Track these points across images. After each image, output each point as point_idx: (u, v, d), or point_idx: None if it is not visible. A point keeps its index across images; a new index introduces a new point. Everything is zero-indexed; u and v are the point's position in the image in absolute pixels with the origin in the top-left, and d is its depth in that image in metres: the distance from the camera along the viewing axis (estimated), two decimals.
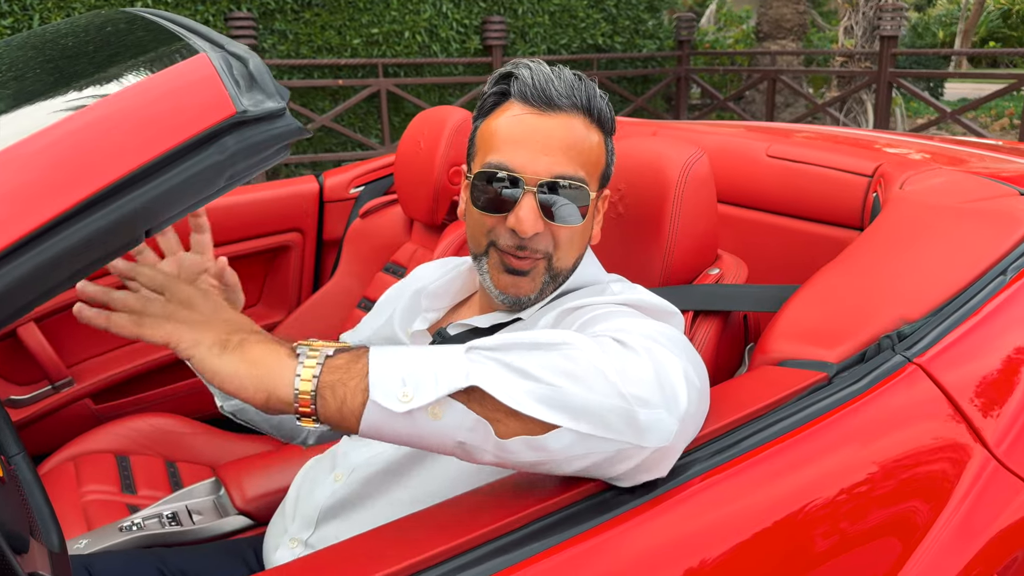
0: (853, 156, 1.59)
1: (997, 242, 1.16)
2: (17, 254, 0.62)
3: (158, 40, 0.78)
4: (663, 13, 9.57)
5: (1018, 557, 0.92)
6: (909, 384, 0.94)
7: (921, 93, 7.11)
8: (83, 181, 0.65)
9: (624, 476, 0.76)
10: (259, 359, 0.73)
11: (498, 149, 1.00)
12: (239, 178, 0.72)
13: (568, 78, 1.02)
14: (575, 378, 0.71)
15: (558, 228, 1.00)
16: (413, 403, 0.69)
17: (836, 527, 0.84)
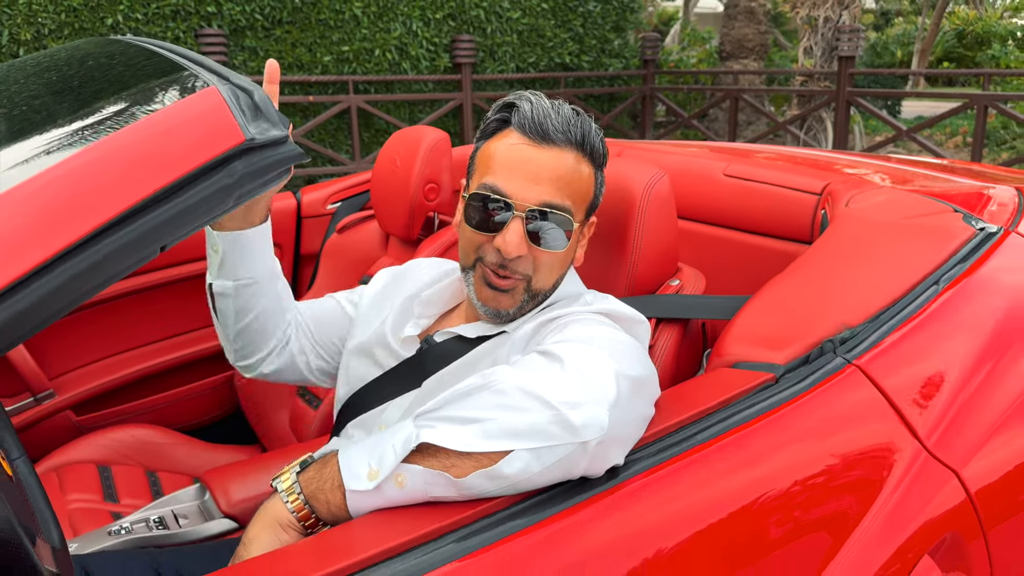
0: (804, 175, 1.71)
1: (932, 255, 1.27)
2: (54, 266, 0.70)
3: (169, 71, 0.85)
4: (629, 33, 9.75)
5: (947, 539, 1.02)
6: (848, 384, 1.04)
7: (878, 112, 7.34)
8: (108, 203, 0.72)
9: (588, 471, 0.85)
10: (258, 528, 0.91)
11: (494, 173, 1.09)
12: (245, 198, 0.80)
13: (566, 114, 1.10)
14: (507, 406, 0.82)
15: (540, 253, 1.09)
16: (380, 476, 0.83)
17: (782, 517, 0.93)
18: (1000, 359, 1.16)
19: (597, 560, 0.81)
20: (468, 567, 0.76)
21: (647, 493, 0.87)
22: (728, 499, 0.91)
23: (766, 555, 0.91)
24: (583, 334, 0.97)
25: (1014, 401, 1.14)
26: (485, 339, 1.16)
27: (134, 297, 2.16)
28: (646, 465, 0.89)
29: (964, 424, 1.08)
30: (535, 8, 8.44)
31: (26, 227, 0.70)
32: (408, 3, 7.50)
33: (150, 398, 2.21)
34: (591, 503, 0.84)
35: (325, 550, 0.77)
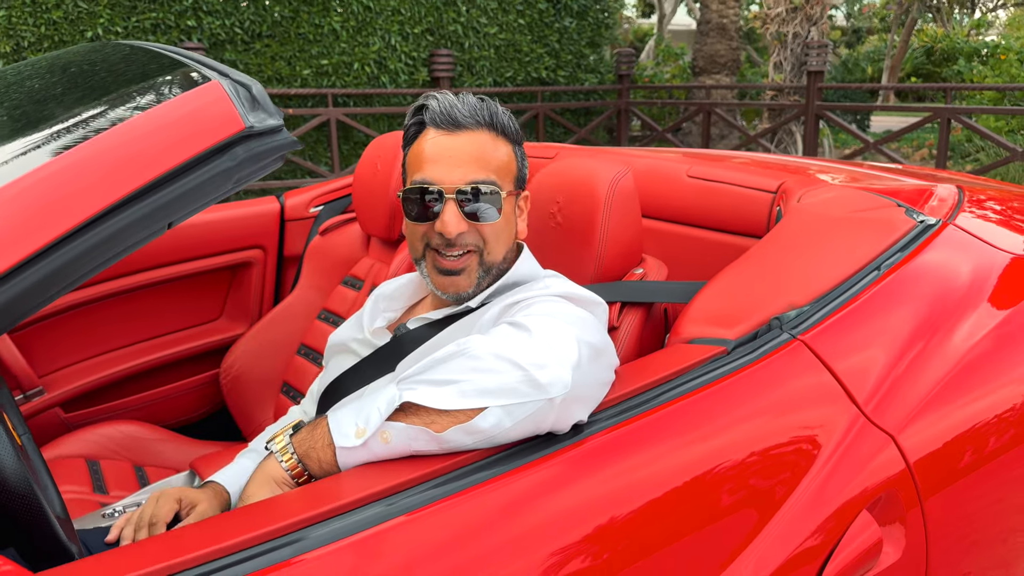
0: (760, 175, 1.82)
1: (874, 244, 1.38)
2: (74, 238, 0.78)
3: (174, 68, 0.94)
4: (604, 48, 9.94)
5: (882, 497, 1.12)
6: (794, 356, 1.14)
7: (846, 125, 7.55)
8: (120, 184, 0.81)
9: (555, 427, 0.95)
10: (256, 484, 1.00)
11: (420, 168, 1.20)
12: (244, 182, 0.88)
13: (471, 101, 1.22)
14: (481, 369, 0.93)
15: (480, 226, 1.19)
16: (367, 433, 0.92)
17: (732, 472, 1.03)
18: (933, 336, 1.26)
19: (563, 503, 0.90)
20: (443, 509, 0.85)
21: (609, 449, 0.97)
22: (682, 456, 1.01)
23: (716, 504, 1.00)
24: (546, 310, 1.07)
25: (946, 374, 1.24)
26: (452, 320, 1.25)
27: (122, 297, 2.22)
28: (607, 424, 0.98)
29: (900, 393, 1.19)
30: (512, 24, 8.60)
31: (48, 204, 0.78)
32: (387, 18, 7.62)
33: (137, 395, 2.27)
34: (557, 455, 0.93)
35: (315, 495, 0.86)
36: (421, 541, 0.83)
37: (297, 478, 0.99)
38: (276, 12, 7.02)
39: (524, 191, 1.30)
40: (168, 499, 1.18)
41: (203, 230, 2.31)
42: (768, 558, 1.03)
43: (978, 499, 1.24)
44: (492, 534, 0.86)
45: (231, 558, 0.75)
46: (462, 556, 0.83)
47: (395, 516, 0.83)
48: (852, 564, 1.06)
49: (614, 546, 0.92)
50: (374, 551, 0.80)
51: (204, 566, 0.74)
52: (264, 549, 0.77)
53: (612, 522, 0.92)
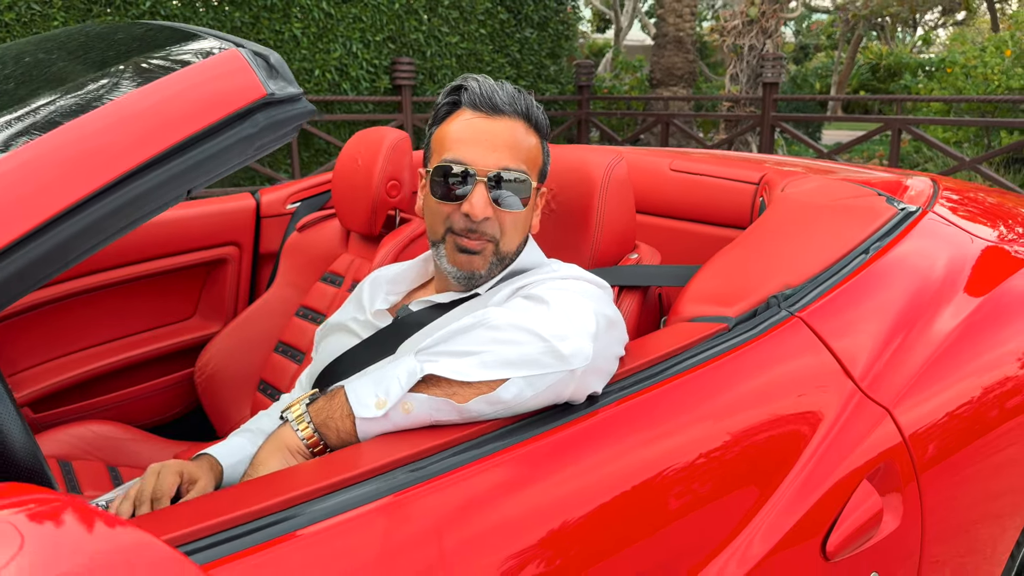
0: (742, 168, 1.86)
1: (861, 229, 1.42)
2: (93, 202, 0.77)
3: (194, 38, 0.94)
4: (564, 60, 10.04)
5: (881, 467, 1.15)
6: (792, 332, 1.17)
7: (801, 135, 7.72)
8: (142, 148, 0.80)
9: (573, 397, 0.96)
10: (268, 452, 0.99)
11: (452, 148, 1.19)
12: (264, 150, 0.88)
13: (510, 89, 1.23)
14: (503, 340, 0.93)
15: (504, 214, 1.19)
16: (388, 404, 0.90)
17: (738, 442, 1.05)
18: (921, 314, 1.31)
19: (577, 473, 0.91)
20: (464, 475, 0.85)
21: (620, 421, 0.98)
22: (690, 428, 1.02)
23: (724, 475, 1.02)
24: (560, 285, 1.08)
25: (934, 352, 1.28)
26: (459, 302, 1.25)
27: (93, 294, 2.18)
28: (618, 396, 1.00)
29: (893, 369, 1.22)
30: (473, 33, 8.64)
31: (69, 167, 0.77)
32: (348, 25, 7.60)
33: (110, 395, 2.22)
34: (570, 426, 0.94)
35: (333, 464, 0.85)
36: (443, 505, 0.82)
37: (312, 447, 0.97)
38: (236, 17, 6.95)
39: (543, 186, 1.31)
40: (170, 472, 1.14)
41: (177, 226, 2.27)
42: (774, 528, 1.05)
43: (965, 478, 1.28)
44: (505, 505, 0.87)
45: (247, 526, 0.75)
46: (474, 528, 0.83)
47: (415, 484, 0.83)
48: (855, 533, 1.09)
49: (629, 516, 0.93)
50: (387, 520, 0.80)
51: (223, 533, 0.73)
52: (282, 517, 0.76)
53: (625, 494, 0.93)
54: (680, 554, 0.97)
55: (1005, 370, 1.36)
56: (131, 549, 0.51)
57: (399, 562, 0.78)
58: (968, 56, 9.77)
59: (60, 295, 2.10)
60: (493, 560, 0.82)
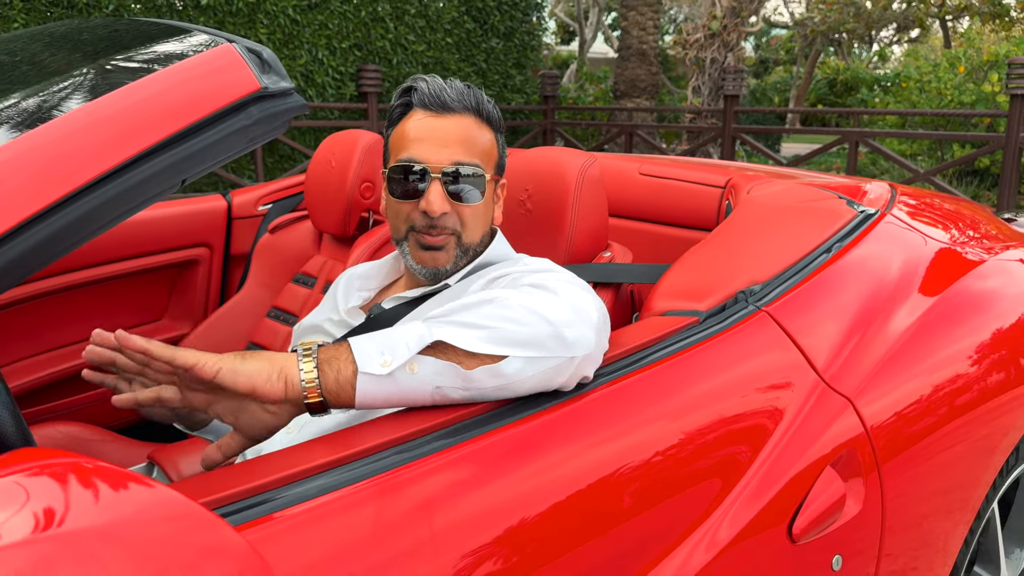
0: (709, 172, 1.92)
1: (823, 230, 1.48)
2: (90, 192, 0.79)
3: (187, 33, 0.96)
4: (529, 70, 10.13)
5: (844, 455, 1.20)
6: (759, 325, 1.22)
7: (762, 147, 7.90)
8: (138, 138, 0.82)
9: (565, 384, 0.99)
10: (273, 356, 0.92)
11: (407, 148, 1.23)
12: (257, 142, 0.91)
13: (458, 86, 1.27)
14: (512, 319, 0.94)
15: (462, 207, 1.23)
16: (393, 365, 0.89)
17: (709, 430, 1.10)
18: (879, 311, 1.37)
19: (555, 458, 0.95)
20: (437, 462, 0.88)
21: (596, 408, 1.02)
22: (664, 415, 1.07)
23: (694, 462, 1.06)
24: (562, 277, 1.10)
25: (892, 346, 1.34)
26: (429, 296, 1.28)
27: (60, 295, 2.16)
28: (594, 385, 1.04)
29: (855, 362, 1.28)
30: (440, 42, 8.68)
31: (66, 157, 0.79)
32: (314, 32, 7.59)
33: (78, 396, 2.20)
34: (547, 413, 0.98)
35: (312, 448, 0.87)
36: (435, 485, 0.85)
37: (307, 384, 0.90)
38: (200, 23, 6.90)
39: (502, 179, 1.35)
40: None
41: (147, 227, 2.27)
42: (740, 514, 1.09)
43: (919, 474, 1.33)
44: (484, 490, 0.90)
45: (245, 502, 0.77)
46: (442, 519, 0.85)
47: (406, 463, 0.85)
48: (820, 516, 1.14)
49: (600, 503, 0.96)
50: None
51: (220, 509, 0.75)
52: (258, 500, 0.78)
53: (598, 482, 0.97)
54: (650, 539, 1.01)
55: (956, 368, 1.42)
56: (150, 505, 0.53)
57: (385, 544, 0.80)
58: (922, 71, 10.06)
59: (27, 295, 2.08)
60: (477, 542, 0.85)
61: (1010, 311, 1.57)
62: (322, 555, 0.76)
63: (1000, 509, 1.75)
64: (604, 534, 0.96)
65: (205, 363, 0.87)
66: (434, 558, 0.81)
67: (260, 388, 0.89)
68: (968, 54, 9.88)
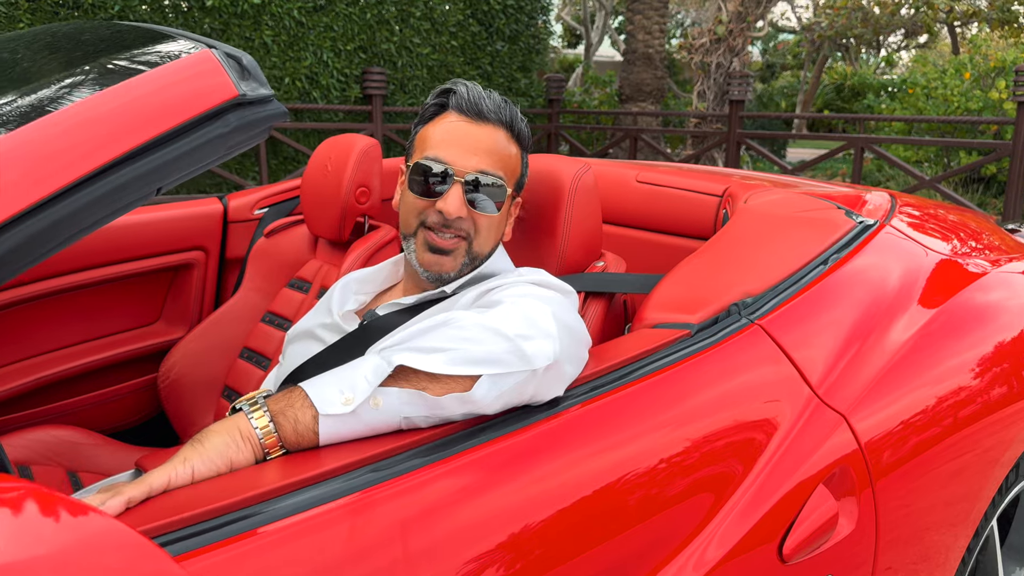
0: (706, 180, 1.90)
1: (819, 241, 1.46)
2: (62, 199, 0.77)
3: (167, 38, 0.94)
4: (534, 73, 10.11)
5: (837, 472, 1.18)
6: (752, 339, 1.20)
7: (767, 152, 7.85)
8: (112, 145, 0.81)
9: (533, 399, 0.97)
10: (220, 426, 0.89)
11: (434, 147, 1.23)
12: (236, 150, 0.89)
13: (497, 98, 1.28)
14: (470, 339, 0.93)
15: (478, 216, 1.23)
16: (355, 401, 0.88)
17: (699, 445, 1.07)
18: (876, 325, 1.34)
19: (537, 476, 0.93)
20: (427, 476, 0.86)
21: (581, 424, 1.00)
22: (653, 430, 1.04)
23: (683, 479, 1.04)
24: (521, 291, 1.11)
25: (889, 361, 1.32)
26: (427, 304, 1.26)
27: (55, 298, 2.15)
28: (580, 399, 1.01)
29: (850, 377, 1.26)
30: (445, 45, 8.67)
31: (37, 164, 0.77)
32: (319, 34, 7.58)
33: (72, 400, 2.18)
34: (532, 428, 0.96)
35: (295, 463, 0.86)
36: (407, 506, 0.83)
37: (265, 438, 0.89)
38: (206, 24, 6.90)
39: (519, 197, 1.35)
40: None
41: (142, 230, 2.25)
42: (730, 532, 1.07)
43: (919, 487, 1.31)
44: (470, 506, 0.88)
45: (204, 524, 0.75)
46: (437, 530, 0.84)
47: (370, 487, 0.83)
48: (812, 536, 1.11)
49: (588, 519, 0.94)
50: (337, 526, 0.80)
51: (180, 531, 0.73)
52: (242, 515, 0.77)
53: (586, 498, 0.95)
54: (638, 557, 0.99)
55: (958, 380, 1.40)
56: (97, 534, 0.51)
57: (360, 563, 0.78)
58: (929, 78, 10.02)
59: (21, 298, 2.07)
60: (455, 562, 0.83)
61: (1012, 324, 1.54)
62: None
63: (999, 526, 1.72)
64: (588, 552, 0.94)
65: (176, 474, 0.84)
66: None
67: (235, 460, 0.87)
68: (975, 60, 9.83)
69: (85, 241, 2.14)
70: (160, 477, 0.83)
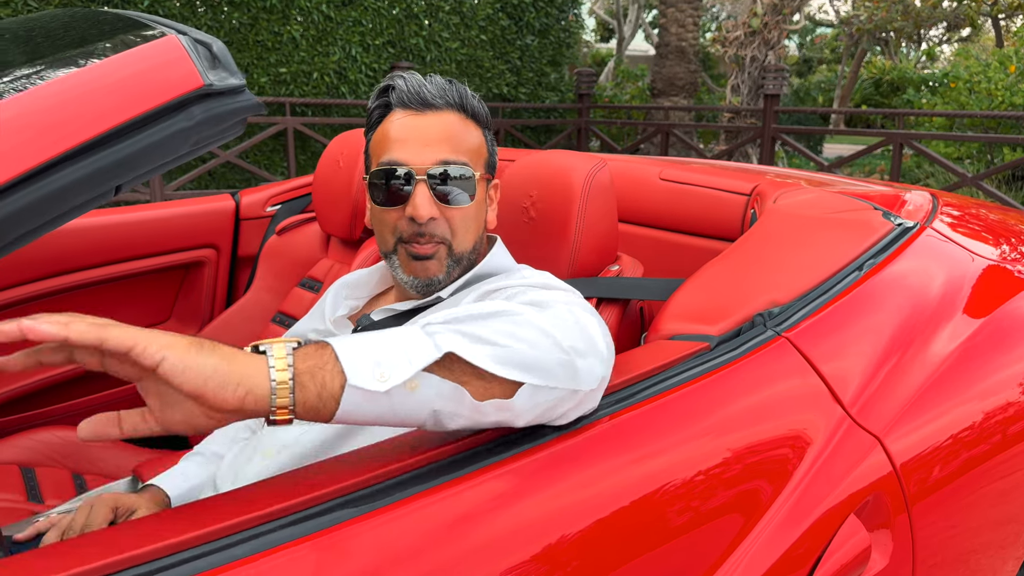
0: (734, 178, 1.79)
1: (854, 245, 1.35)
2: (6, 194, 0.70)
3: (129, 25, 0.87)
4: (565, 68, 9.99)
5: (870, 501, 1.08)
6: (778, 353, 1.10)
7: (802, 148, 7.66)
8: (62, 137, 0.73)
9: (561, 417, 0.87)
10: (234, 355, 0.71)
11: (388, 150, 1.13)
12: (203, 146, 0.81)
13: (439, 81, 1.17)
14: (522, 338, 0.80)
15: (452, 211, 1.13)
16: (391, 381, 0.73)
17: (720, 470, 0.97)
18: (916, 336, 1.23)
19: (549, 499, 0.84)
20: (449, 492, 0.79)
21: (593, 445, 0.90)
22: (665, 454, 0.95)
23: (701, 506, 0.94)
24: (567, 298, 0.97)
25: (930, 376, 1.21)
26: (420, 309, 1.18)
27: (63, 295, 2.11)
28: (591, 419, 0.92)
29: (886, 394, 1.15)
30: (474, 39, 8.60)
31: None
32: (347, 28, 7.55)
33: (77, 400, 2.14)
34: (543, 448, 0.87)
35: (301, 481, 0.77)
36: (430, 520, 0.76)
37: (280, 397, 0.71)
38: (234, 19, 6.90)
39: (495, 179, 1.24)
40: (103, 506, 1.06)
41: (153, 227, 2.21)
42: (755, 564, 0.97)
43: (964, 507, 1.20)
44: (480, 529, 0.79)
45: (181, 555, 0.67)
46: (441, 557, 0.76)
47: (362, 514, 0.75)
48: (841, 571, 1.01)
49: (601, 546, 0.85)
50: (339, 552, 0.72)
51: (145, 566, 0.66)
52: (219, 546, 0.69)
53: (598, 523, 0.86)
54: None
55: (1007, 395, 1.29)
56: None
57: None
58: (972, 72, 9.73)
59: (29, 295, 2.03)
60: None
61: None
62: None
63: None
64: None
65: (146, 347, 0.66)
66: None
67: (210, 395, 0.68)
68: (1020, 53, 9.52)
69: (96, 237, 2.10)
70: (124, 335, 0.67)
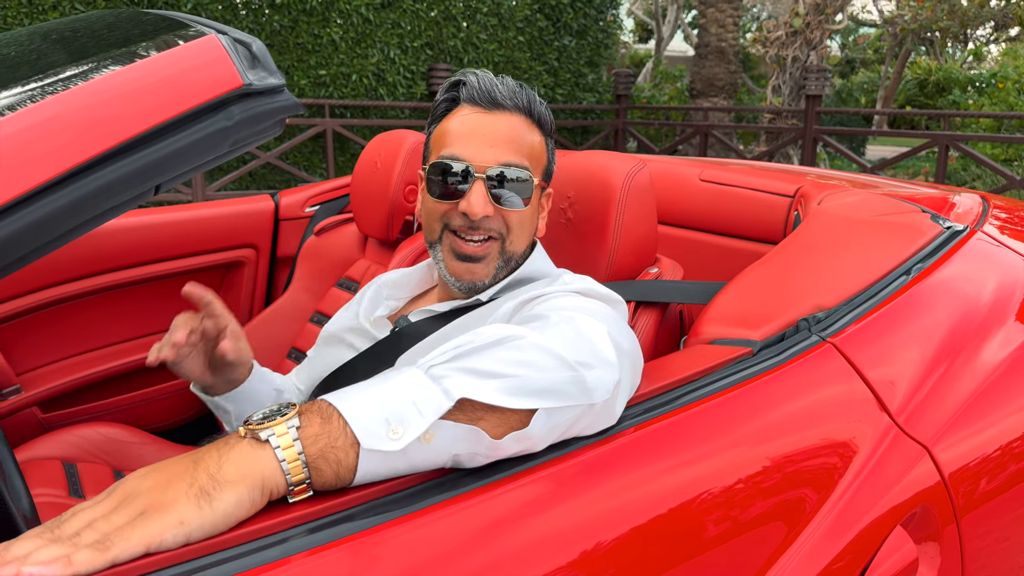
0: (777, 179, 1.75)
1: (902, 248, 1.31)
2: (44, 195, 0.70)
3: (170, 25, 0.87)
4: (602, 69, 9.95)
5: (917, 512, 1.04)
6: (823, 359, 1.07)
7: (844, 149, 7.53)
8: (103, 136, 0.73)
9: (583, 431, 0.85)
10: (238, 476, 0.67)
11: (450, 145, 1.13)
12: (241, 145, 0.81)
13: (510, 83, 1.16)
14: (527, 363, 0.78)
15: (507, 212, 1.12)
16: (406, 438, 0.70)
17: (762, 478, 0.95)
18: (966, 343, 1.19)
19: (587, 506, 0.82)
20: (481, 499, 0.77)
21: (631, 450, 0.88)
22: (707, 461, 0.92)
23: (743, 514, 0.92)
24: (574, 304, 0.98)
25: (980, 384, 1.17)
26: (459, 311, 1.17)
27: (106, 294, 2.14)
28: (630, 424, 0.90)
29: (934, 403, 1.11)
30: (511, 41, 8.60)
31: (17, 156, 0.70)
32: (386, 31, 7.59)
33: (119, 397, 2.17)
34: (578, 454, 0.85)
35: None
36: (461, 529, 0.74)
37: (296, 484, 0.70)
38: (275, 21, 6.98)
39: (548, 187, 1.24)
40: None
41: (193, 227, 2.23)
42: (798, 575, 0.94)
43: (1015, 520, 1.16)
44: (513, 535, 0.78)
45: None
46: (472, 563, 0.74)
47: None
48: None
49: (636, 556, 0.83)
50: None
51: (179, 566, 0.65)
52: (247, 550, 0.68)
53: (635, 530, 0.84)
54: None
55: None
56: None
57: None
58: (1021, 72, 9.48)
59: (72, 294, 2.06)
60: None
61: None
62: None
63: None
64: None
65: (162, 541, 0.62)
66: None
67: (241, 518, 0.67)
68: None
69: (136, 237, 2.13)
70: (135, 544, 0.62)
